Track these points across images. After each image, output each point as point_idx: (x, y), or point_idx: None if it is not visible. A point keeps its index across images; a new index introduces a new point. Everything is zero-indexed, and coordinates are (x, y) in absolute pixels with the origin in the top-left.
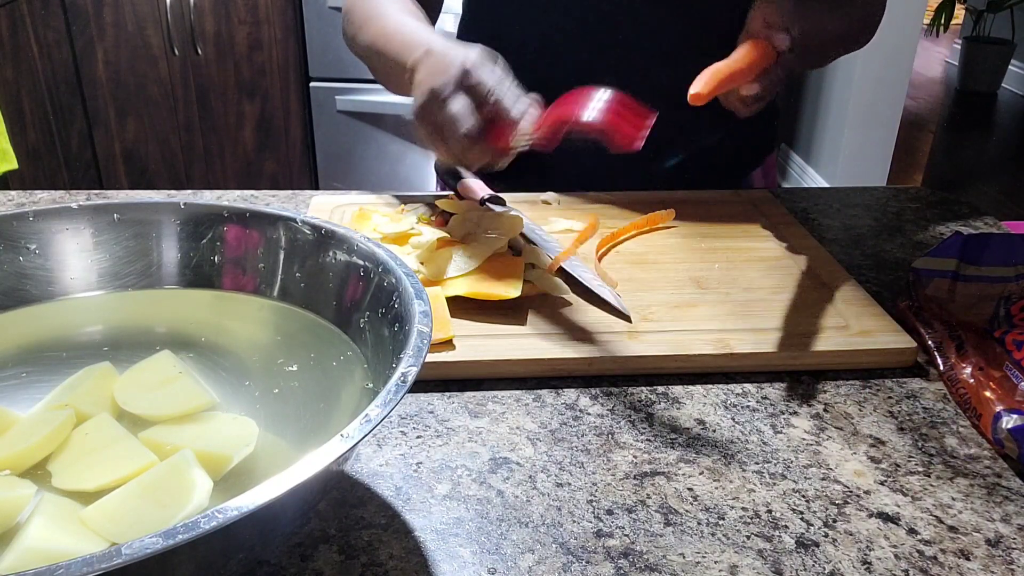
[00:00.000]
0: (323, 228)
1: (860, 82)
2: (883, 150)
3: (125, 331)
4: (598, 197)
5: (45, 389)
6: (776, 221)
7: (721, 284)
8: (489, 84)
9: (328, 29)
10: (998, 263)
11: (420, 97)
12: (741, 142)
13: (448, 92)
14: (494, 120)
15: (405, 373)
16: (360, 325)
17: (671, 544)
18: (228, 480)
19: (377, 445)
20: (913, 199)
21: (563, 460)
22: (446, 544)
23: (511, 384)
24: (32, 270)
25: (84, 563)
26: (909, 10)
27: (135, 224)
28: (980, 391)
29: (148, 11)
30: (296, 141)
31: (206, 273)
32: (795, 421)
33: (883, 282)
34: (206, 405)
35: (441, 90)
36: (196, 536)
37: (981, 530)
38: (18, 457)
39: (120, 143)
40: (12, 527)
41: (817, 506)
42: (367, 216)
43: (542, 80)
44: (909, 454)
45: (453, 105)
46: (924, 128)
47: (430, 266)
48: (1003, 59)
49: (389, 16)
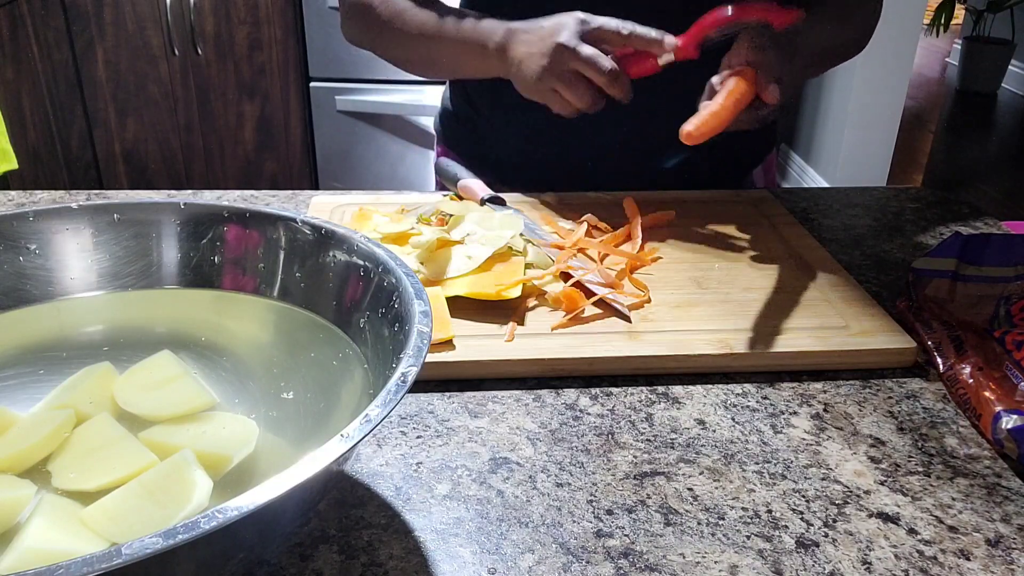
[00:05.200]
0: (323, 228)
1: (860, 82)
2: (883, 150)
3: (125, 331)
4: (598, 197)
5: (45, 389)
6: (776, 221)
7: (721, 284)
8: (613, 23)
9: (328, 29)
10: (998, 263)
11: (543, 59)
12: (742, 141)
13: (575, 42)
14: (633, 52)
15: (405, 373)
16: (360, 325)
17: (671, 544)
18: (228, 480)
19: (377, 445)
20: (913, 199)
21: (563, 460)
22: (446, 544)
23: (511, 384)
24: (32, 270)
25: (84, 563)
26: (909, 10)
27: (135, 224)
28: (980, 391)
29: (148, 11)
30: (296, 141)
31: (206, 273)
32: (795, 421)
33: (883, 282)
34: (206, 405)
35: (568, 42)
36: (196, 536)
37: (981, 530)
38: (18, 457)
39: (120, 143)
40: (12, 527)
41: (817, 506)
42: (367, 216)
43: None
44: (909, 454)
45: (585, 50)
46: (924, 128)
47: (430, 266)
48: (1003, 59)
49: (430, 4)
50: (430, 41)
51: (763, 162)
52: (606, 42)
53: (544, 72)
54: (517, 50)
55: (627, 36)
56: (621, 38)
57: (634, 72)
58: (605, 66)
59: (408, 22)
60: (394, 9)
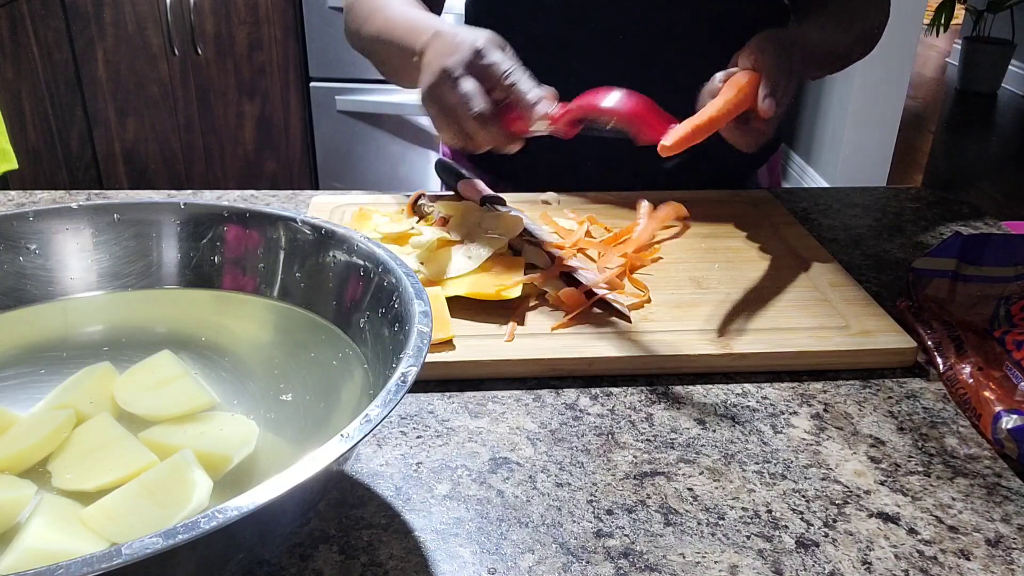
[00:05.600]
0: (323, 228)
1: (860, 82)
2: (883, 150)
3: (125, 331)
4: (598, 197)
5: (45, 389)
6: (776, 221)
7: (721, 284)
8: (503, 67)
9: (328, 29)
10: (998, 263)
11: (430, 77)
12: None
13: (459, 72)
14: (509, 104)
15: (405, 373)
16: (360, 325)
17: (671, 544)
18: (228, 480)
19: (377, 445)
20: (913, 199)
21: (563, 460)
22: (446, 544)
23: (511, 384)
24: (32, 270)
25: (84, 563)
26: (909, 10)
27: (135, 224)
28: (980, 391)
29: (148, 11)
30: (296, 141)
31: (206, 273)
32: (795, 421)
33: (883, 282)
34: (206, 405)
35: (452, 69)
36: (196, 536)
37: (981, 530)
38: (18, 457)
39: (120, 143)
40: (12, 527)
41: (817, 506)
42: (367, 216)
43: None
44: (909, 454)
45: (464, 85)
46: (924, 128)
47: (430, 266)
48: (1003, 59)
49: (393, 6)
50: (383, 45)
51: (767, 162)
52: (490, 83)
53: (428, 91)
54: (426, 56)
55: (507, 86)
56: (501, 87)
57: (509, 126)
58: (473, 108)
59: (370, 26)
60: (364, 13)
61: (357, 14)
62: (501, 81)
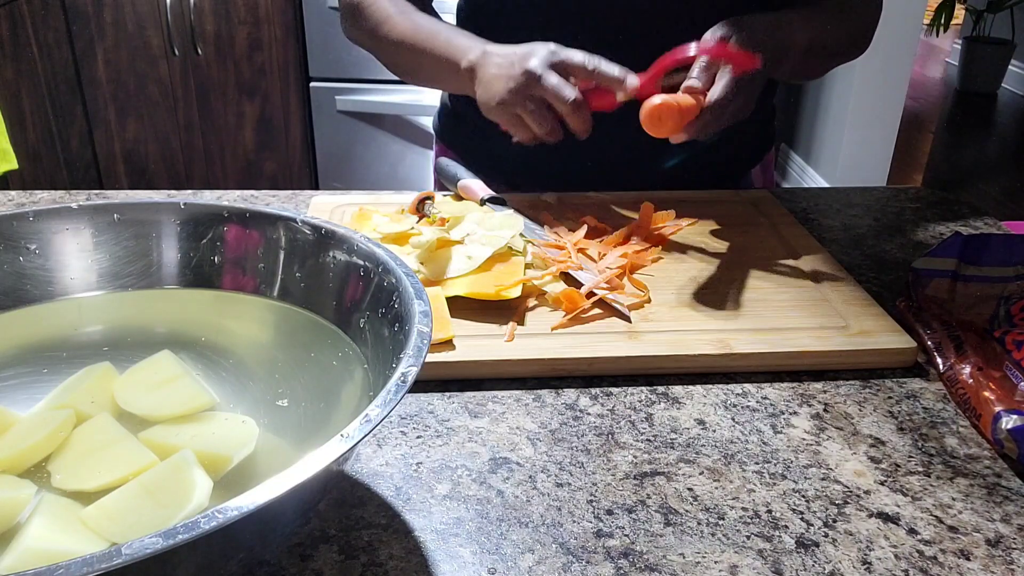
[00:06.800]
0: (323, 228)
1: (860, 82)
2: (883, 150)
3: (125, 331)
4: (598, 197)
5: (45, 389)
6: (776, 221)
7: (721, 284)
8: (579, 57)
9: (328, 29)
10: (998, 263)
11: (510, 83)
12: (740, 141)
13: (542, 70)
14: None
15: (405, 373)
16: (360, 325)
17: (671, 544)
18: (228, 480)
19: (377, 445)
20: (913, 199)
21: (563, 460)
22: (446, 544)
23: (511, 384)
24: (32, 270)
25: (84, 563)
26: (909, 10)
27: (135, 224)
28: (980, 391)
29: (148, 11)
30: (296, 141)
31: (206, 273)
32: (795, 421)
33: (883, 282)
34: (206, 405)
35: (535, 69)
36: (196, 536)
37: (981, 530)
38: (18, 457)
39: (120, 143)
40: (12, 527)
41: (817, 506)
42: (367, 216)
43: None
44: (909, 454)
45: (551, 79)
46: (924, 128)
47: (430, 266)
48: (1003, 59)
49: (417, 14)
50: (410, 52)
51: (761, 161)
52: (572, 74)
53: (510, 95)
54: (487, 71)
55: (591, 71)
56: (586, 72)
57: (595, 105)
58: (568, 96)
59: (392, 30)
60: (380, 15)
61: (371, 15)
62: (584, 68)
